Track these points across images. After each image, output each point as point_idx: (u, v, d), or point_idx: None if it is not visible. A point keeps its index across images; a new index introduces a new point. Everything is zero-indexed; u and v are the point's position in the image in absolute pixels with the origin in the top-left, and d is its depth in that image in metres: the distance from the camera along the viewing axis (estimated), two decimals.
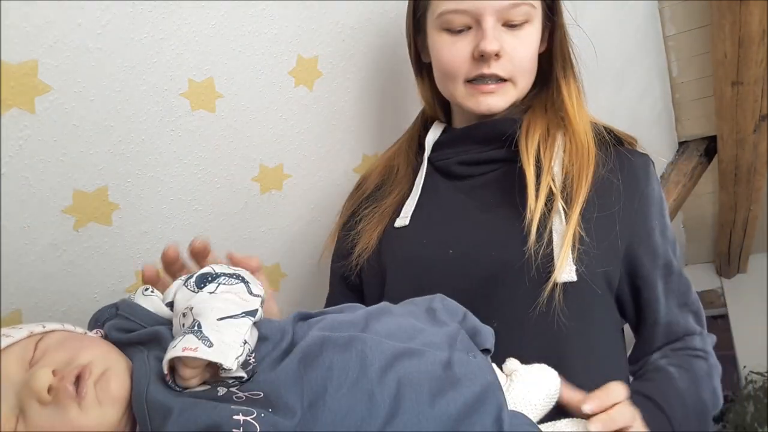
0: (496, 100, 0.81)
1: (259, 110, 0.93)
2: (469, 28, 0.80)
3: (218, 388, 0.48)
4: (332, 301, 0.93)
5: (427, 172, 0.88)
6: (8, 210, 0.72)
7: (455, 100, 0.86)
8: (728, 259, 3.60)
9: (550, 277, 0.70)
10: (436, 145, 0.89)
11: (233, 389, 0.48)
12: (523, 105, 0.86)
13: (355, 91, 1.07)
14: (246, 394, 0.47)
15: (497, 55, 0.79)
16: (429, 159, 0.88)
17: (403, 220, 0.84)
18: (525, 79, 0.83)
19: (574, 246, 0.72)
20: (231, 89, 0.88)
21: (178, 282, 0.58)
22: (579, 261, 0.72)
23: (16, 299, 0.77)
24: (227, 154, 0.92)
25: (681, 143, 2.54)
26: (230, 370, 0.47)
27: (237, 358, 0.47)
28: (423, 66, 0.92)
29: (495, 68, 0.80)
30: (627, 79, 1.91)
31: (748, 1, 1.66)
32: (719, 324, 3.73)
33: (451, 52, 0.81)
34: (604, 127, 0.83)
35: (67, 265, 0.80)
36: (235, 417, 0.44)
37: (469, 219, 0.80)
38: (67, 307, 0.82)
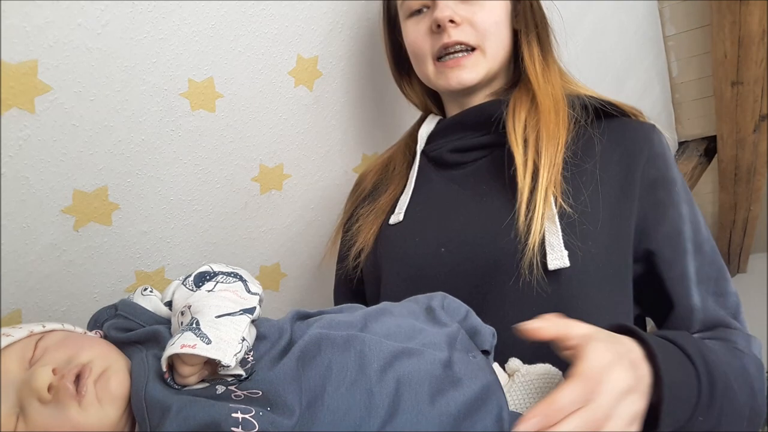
0: (466, 72, 0.80)
1: (259, 110, 0.93)
2: (429, 7, 0.82)
3: (217, 387, 0.48)
4: (338, 300, 0.92)
5: (422, 165, 0.86)
6: (8, 210, 0.72)
7: (431, 83, 0.85)
8: (728, 259, 3.60)
9: (546, 267, 0.67)
10: (431, 137, 0.88)
11: (232, 387, 0.48)
12: (510, 85, 0.85)
13: (355, 91, 1.07)
14: (245, 392, 0.47)
15: (453, 22, 0.78)
16: (424, 151, 0.87)
17: (397, 216, 0.82)
18: (493, 45, 0.81)
19: (573, 227, 0.68)
20: (231, 89, 0.88)
21: (177, 281, 0.58)
22: (576, 244, 0.68)
23: (16, 299, 0.77)
24: (227, 154, 0.92)
25: (681, 143, 2.54)
26: (228, 367, 0.47)
27: (235, 355, 0.47)
28: (404, 67, 0.94)
29: (456, 35, 0.79)
30: (627, 79, 1.91)
31: (748, 1, 1.66)
32: None
33: (415, 32, 0.83)
34: (599, 99, 0.79)
35: (67, 265, 0.80)
36: (234, 415, 0.44)
37: (462, 212, 0.77)
38: (67, 307, 0.82)
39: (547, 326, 0.52)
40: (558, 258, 0.67)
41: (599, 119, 0.78)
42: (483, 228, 0.73)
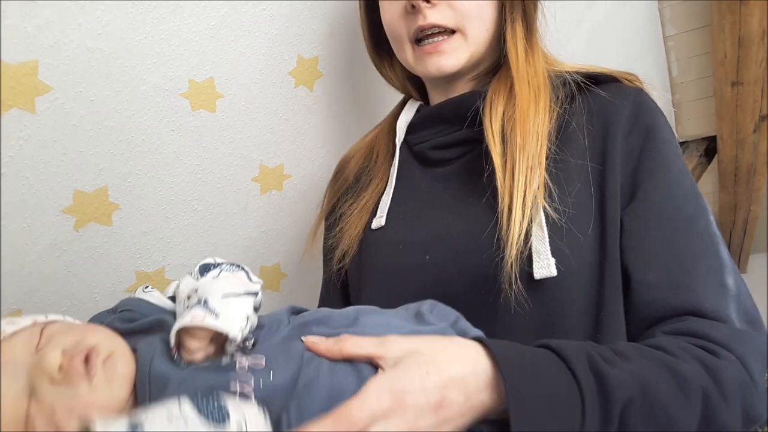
0: (446, 59, 0.72)
1: (260, 110, 0.93)
2: None
3: (222, 358, 0.50)
4: (325, 302, 0.89)
5: (404, 158, 0.80)
6: (8, 210, 0.72)
7: (410, 68, 0.78)
8: None
9: (532, 276, 0.61)
10: (412, 127, 0.81)
11: (236, 357, 0.50)
12: (495, 66, 0.77)
13: (355, 91, 1.07)
14: (249, 362, 0.49)
15: (429, 2, 0.70)
16: (407, 142, 0.81)
17: (378, 220, 0.77)
18: (475, 27, 0.72)
19: (560, 231, 0.62)
20: (231, 89, 0.88)
21: (177, 281, 0.59)
22: (564, 250, 0.62)
23: (16, 299, 0.77)
24: (227, 154, 0.92)
25: (681, 143, 2.54)
26: (235, 340, 0.48)
27: (242, 329, 0.49)
28: (383, 48, 0.87)
29: (432, 17, 0.71)
30: None
31: (748, 1, 1.66)
32: None
33: (390, 12, 0.76)
34: (584, 74, 0.72)
35: (67, 265, 0.80)
36: (232, 382, 0.46)
37: (446, 217, 0.71)
38: (67, 307, 0.82)
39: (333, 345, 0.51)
40: (544, 267, 0.61)
41: (585, 97, 0.71)
42: (468, 233, 0.68)
